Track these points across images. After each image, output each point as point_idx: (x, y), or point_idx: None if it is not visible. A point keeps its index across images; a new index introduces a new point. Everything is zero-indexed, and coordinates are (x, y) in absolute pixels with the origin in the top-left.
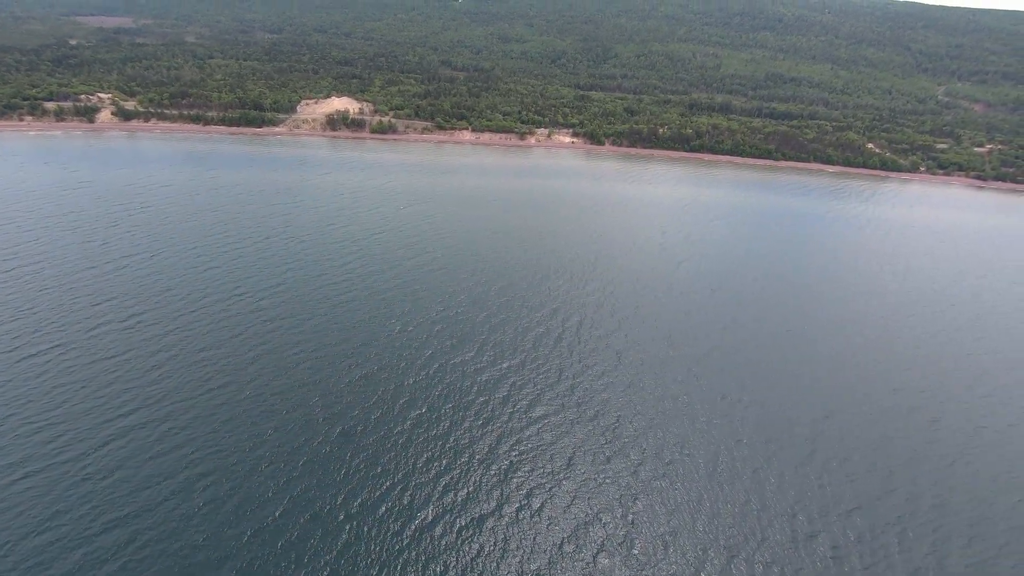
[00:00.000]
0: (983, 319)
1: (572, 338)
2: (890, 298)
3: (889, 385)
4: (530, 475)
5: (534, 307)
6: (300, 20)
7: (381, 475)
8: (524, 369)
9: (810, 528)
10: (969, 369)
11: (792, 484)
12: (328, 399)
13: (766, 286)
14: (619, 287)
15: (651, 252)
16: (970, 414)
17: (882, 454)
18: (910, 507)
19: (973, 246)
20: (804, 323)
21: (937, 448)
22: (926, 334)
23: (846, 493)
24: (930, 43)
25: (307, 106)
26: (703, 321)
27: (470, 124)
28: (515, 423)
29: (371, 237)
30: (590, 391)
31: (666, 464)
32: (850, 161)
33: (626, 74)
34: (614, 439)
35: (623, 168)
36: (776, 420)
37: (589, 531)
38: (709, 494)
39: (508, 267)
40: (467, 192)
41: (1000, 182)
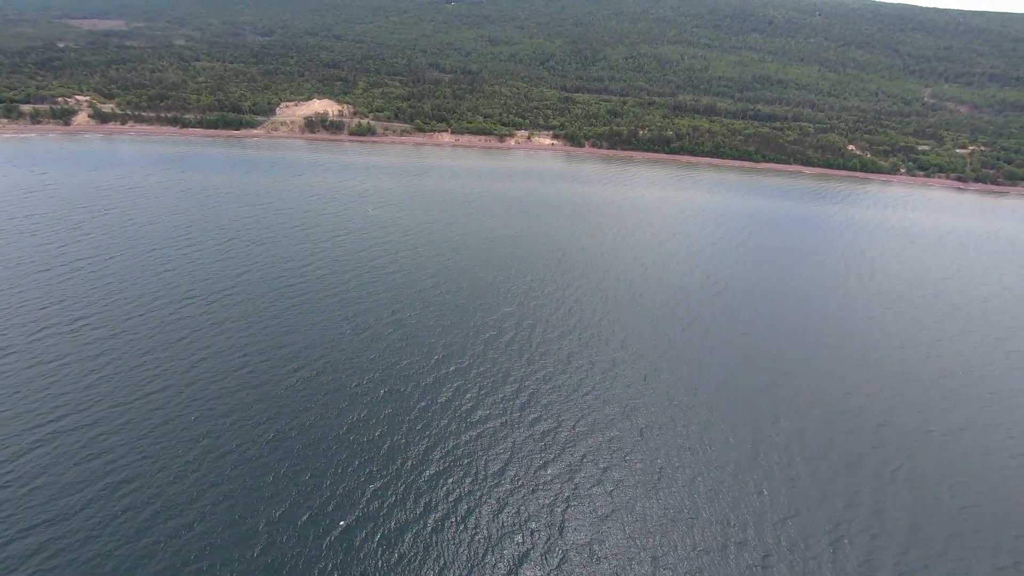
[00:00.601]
0: (944, 322)
1: (524, 341)
2: (853, 300)
3: (842, 388)
4: (461, 481)
5: (490, 310)
6: (292, 23)
7: (308, 481)
8: (470, 372)
9: (742, 535)
10: (925, 371)
11: (730, 490)
12: (265, 403)
13: (728, 289)
14: (581, 290)
15: (617, 256)
16: (921, 417)
17: (826, 459)
18: (848, 513)
19: (944, 248)
20: (762, 326)
21: (882, 452)
22: (885, 336)
23: (783, 499)
24: (919, 45)
25: (287, 108)
26: (662, 325)
27: (450, 126)
28: (453, 427)
29: (334, 240)
30: (535, 395)
31: (603, 470)
32: (830, 163)
33: (614, 76)
34: (553, 444)
35: (601, 170)
36: (723, 425)
37: (514, 540)
38: (643, 501)
39: (469, 270)
40: (439, 195)
41: (980, 183)
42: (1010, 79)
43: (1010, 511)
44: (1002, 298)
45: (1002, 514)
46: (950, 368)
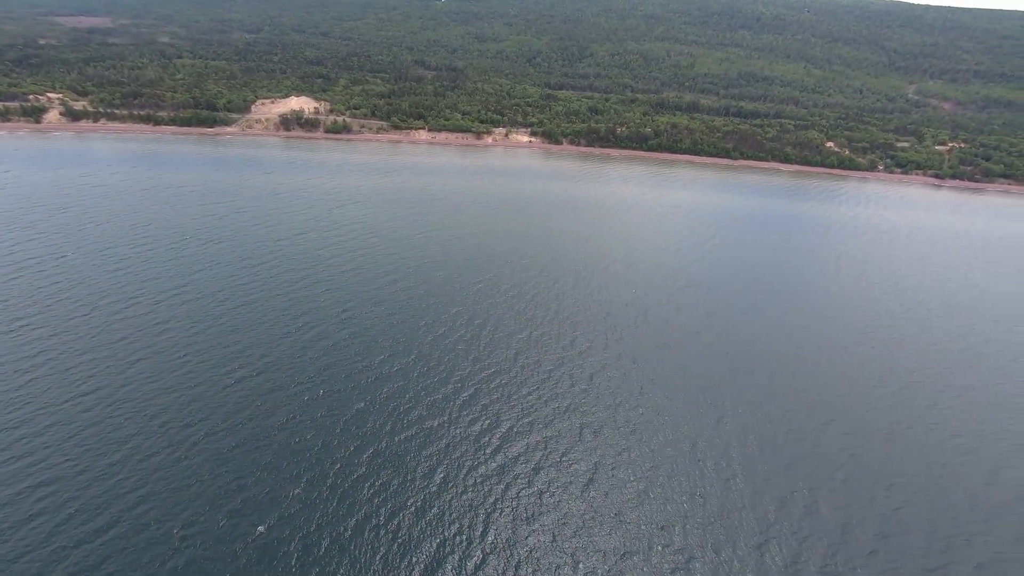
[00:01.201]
0: (900, 316)
1: (472, 340)
2: (813, 298)
3: (793, 386)
4: (388, 483)
5: (442, 309)
6: (280, 20)
7: (232, 483)
8: (413, 372)
9: (668, 538)
10: (877, 369)
11: (662, 491)
12: (199, 403)
13: (689, 287)
14: (538, 289)
15: (581, 254)
16: (867, 416)
17: (765, 459)
18: (780, 515)
19: (912, 244)
20: (717, 324)
21: (823, 452)
22: (841, 333)
23: (715, 501)
24: (905, 41)
25: (262, 106)
26: (617, 324)
27: (427, 124)
28: (388, 428)
29: (294, 238)
30: (477, 394)
31: (535, 470)
32: (808, 160)
33: (599, 73)
34: (488, 444)
35: (576, 168)
36: (666, 425)
37: (433, 542)
38: (572, 502)
39: (428, 269)
40: (407, 193)
41: (957, 180)
42: (995, 76)
43: (943, 511)
44: (967, 294)
45: (935, 514)
46: (902, 366)
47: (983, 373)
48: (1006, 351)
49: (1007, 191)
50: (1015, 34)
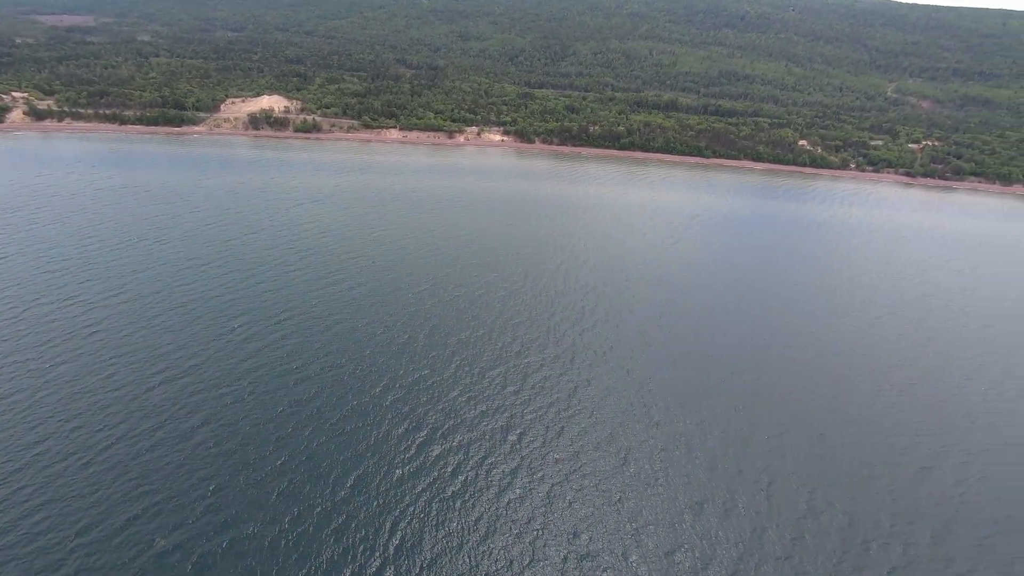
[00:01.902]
0: (847, 316)
1: (409, 342)
2: (765, 297)
3: (740, 388)
4: (299, 490)
5: (384, 310)
6: (264, 18)
7: (133, 491)
8: (343, 375)
9: (587, 547)
10: (826, 369)
11: (587, 499)
12: (115, 407)
13: (642, 286)
14: (487, 290)
15: (537, 256)
16: (804, 417)
17: (690, 463)
18: (698, 524)
19: (872, 241)
20: (667, 324)
21: (759, 460)
22: (786, 331)
23: (645, 506)
24: (887, 40)
25: (232, 104)
26: (560, 325)
27: (399, 123)
28: (307, 433)
29: (244, 239)
30: (404, 398)
31: (451, 474)
32: (780, 158)
33: (581, 72)
34: (410, 448)
35: (544, 166)
36: (597, 429)
37: (340, 558)
38: (489, 515)
39: (377, 269)
40: (369, 192)
41: (928, 179)
42: (974, 74)
43: (861, 515)
44: (919, 290)
45: (853, 517)
46: (850, 364)
47: (924, 371)
48: (951, 349)
49: (976, 189)
50: (996, 32)
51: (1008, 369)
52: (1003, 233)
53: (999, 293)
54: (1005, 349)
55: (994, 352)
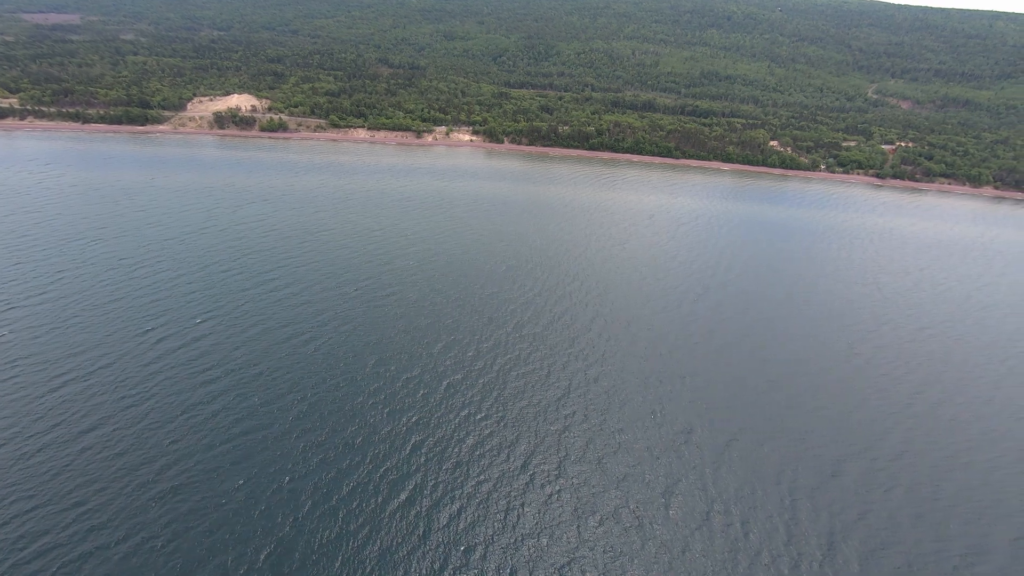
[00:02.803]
0: (785, 318)
1: (330, 347)
2: (703, 298)
3: (673, 392)
4: (184, 501)
5: (310, 313)
6: (251, 17)
7: (7, 497)
8: (256, 382)
9: (478, 553)
10: (763, 371)
11: (476, 510)
12: (8, 412)
13: (582, 289)
14: (416, 291)
15: (476, 257)
16: (759, 421)
17: (599, 475)
18: (604, 529)
19: (825, 245)
20: (605, 327)
21: (686, 454)
22: (720, 331)
23: (528, 523)
24: (871, 41)
25: (199, 103)
26: (496, 329)
27: (367, 122)
28: (207, 441)
29: (185, 238)
30: (316, 404)
31: (339, 484)
32: (749, 159)
33: (562, 72)
34: (314, 455)
35: (506, 166)
36: (509, 434)
37: (220, 559)
38: (386, 525)
39: (312, 271)
40: (323, 192)
41: (897, 180)
42: (955, 75)
43: (790, 522)
44: (859, 291)
45: (769, 519)
46: (787, 368)
47: (832, 379)
48: (876, 352)
49: (946, 191)
50: (981, 33)
51: (928, 378)
52: (961, 235)
53: (940, 294)
54: (935, 356)
55: (915, 358)
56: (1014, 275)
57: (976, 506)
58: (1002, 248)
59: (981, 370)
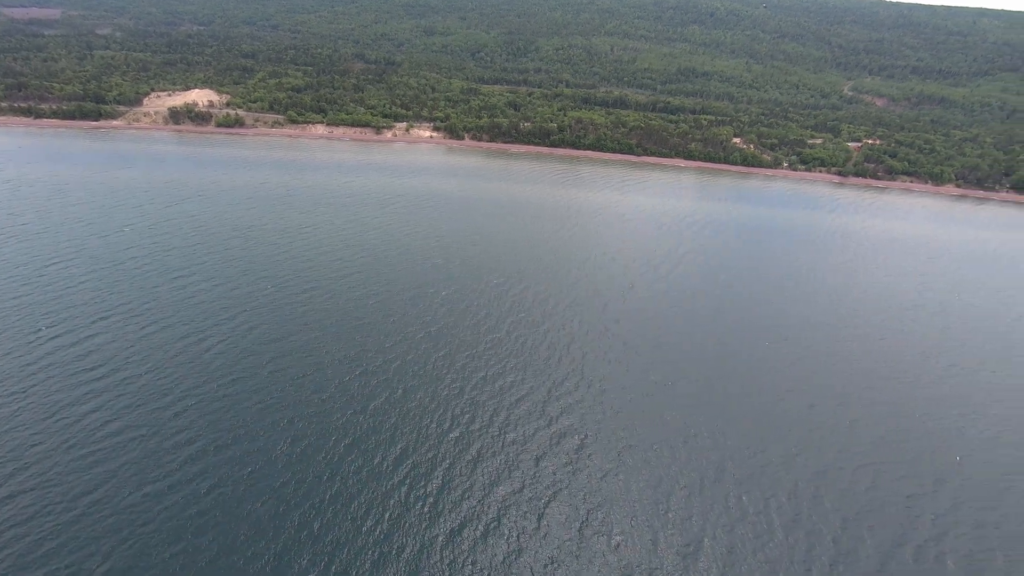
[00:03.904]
0: (720, 314)
1: (229, 349)
2: (634, 297)
3: (612, 396)
4: (39, 500)
5: (215, 313)
6: (232, 12)
7: None
8: (137, 382)
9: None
10: (661, 362)
11: (367, 502)
12: None
13: (503, 290)
14: (332, 292)
15: (401, 258)
16: (673, 416)
17: (540, 481)
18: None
19: (775, 244)
20: (522, 331)
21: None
22: (662, 332)
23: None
24: (852, 37)
25: (157, 98)
26: (407, 332)
27: (326, 118)
28: (68, 438)
29: (106, 237)
30: (192, 409)
31: (215, 494)
32: (711, 157)
33: (539, 68)
34: (177, 470)
35: (461, 163)
36: (401, 441)
37: None
38: (242, 536)
39: (231, 271)
40: (265, 189)
41: (860, 178)
42: (932, 72)
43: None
44: (801, 289)
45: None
46: (721, 364)
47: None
48: (806, 351)
49: (908, 189)
50: (963, 30)
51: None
52: (914, 234)
53: (870, 292)
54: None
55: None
56: (954, 274)
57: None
58: (950, 247)
59: (881, 366)
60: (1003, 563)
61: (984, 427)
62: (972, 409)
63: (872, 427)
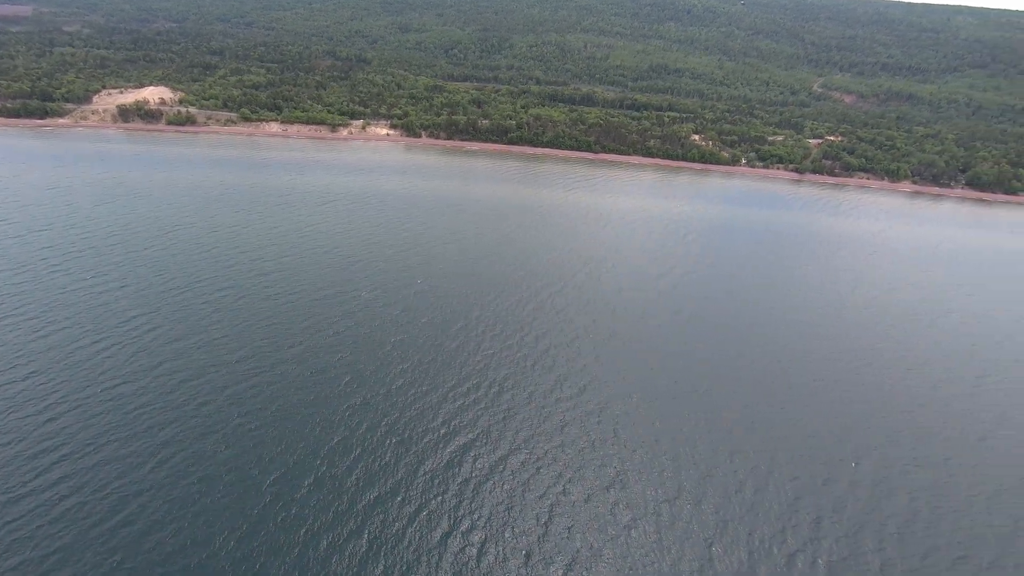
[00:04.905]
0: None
1: (144, 351)
2: (573, 296)
3: (548, 405)
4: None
5: (109, 305)
6: (208, 9)
7: None
8: (47, 382)
9: None
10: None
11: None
12: None
13: (429, 293)
14: (243, 293)
15: (318, 259)
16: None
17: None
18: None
19: (714, 240)
20: (454, 330)
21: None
22: (589, 328)
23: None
24: (825, 35)
25: (108, 96)
26: (312, 334)
27: (280, 116)
28: (21, 447)
29: (21, 236)
30: (81, 416)
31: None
32: (669, 154)
33: (511, 65)
34: (31, 473)
35: (410, 160)
36: (302, 448)
37: None
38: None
39: (145, 268)
40: (201, 188)
41: (816, 175)
42: (902, 69)
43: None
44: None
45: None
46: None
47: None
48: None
49: (865, 186)
50: (936, 27)
51: None
52: (862, 231)
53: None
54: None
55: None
56: (890, 272)
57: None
58: (897, 246)
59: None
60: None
61: (878, 430)
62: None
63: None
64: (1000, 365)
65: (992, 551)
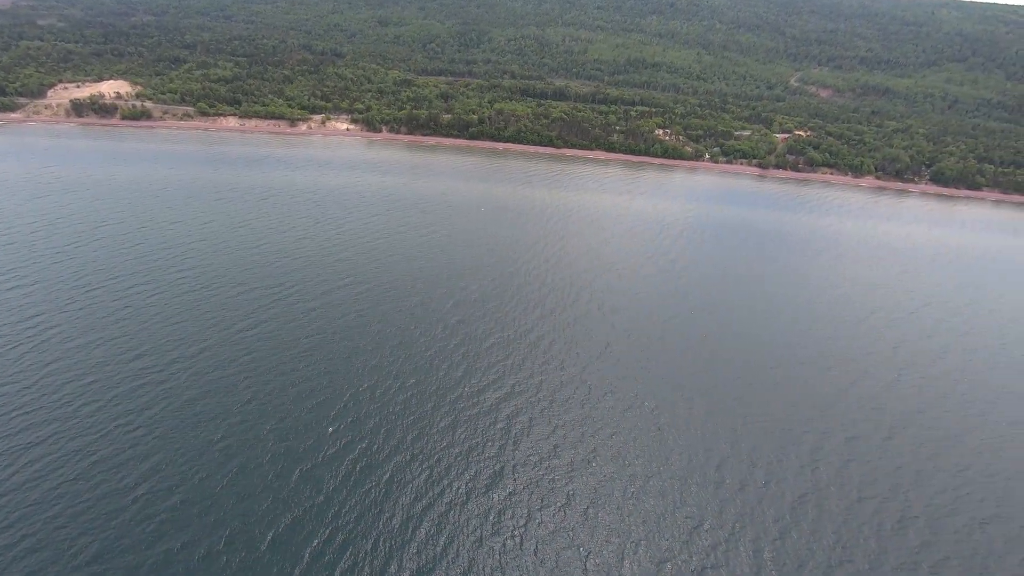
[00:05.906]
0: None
1: (79, 360)
2: (532, 293)
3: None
4: None
5: (10, 303)
6: (187, 2)
7: None
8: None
9: None
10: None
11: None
12: None
13: (392, 290)
14: (173, 289)
15: (248, 255)
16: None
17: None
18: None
19: (669, 235)
20: (453, 329)
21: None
22: (548, 324)
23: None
24: (806, 28)
25: (64, 90)
26: (221, 330)
27: (239, 110)
28: None
29: None
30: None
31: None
32: (632, 149)
33: (489, 59)
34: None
35: (368, 155)
36: (269, 452)
37: None
38: None
39: (62, 265)
40: (141, 183)
41: (780, 170)
42: (880, 63)
43: None
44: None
45: None
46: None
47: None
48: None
49: (829, 181)
50: (919, 21)
51: None
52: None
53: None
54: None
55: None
56: (831, 269)
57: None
58: (846, 241)
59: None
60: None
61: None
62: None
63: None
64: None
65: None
